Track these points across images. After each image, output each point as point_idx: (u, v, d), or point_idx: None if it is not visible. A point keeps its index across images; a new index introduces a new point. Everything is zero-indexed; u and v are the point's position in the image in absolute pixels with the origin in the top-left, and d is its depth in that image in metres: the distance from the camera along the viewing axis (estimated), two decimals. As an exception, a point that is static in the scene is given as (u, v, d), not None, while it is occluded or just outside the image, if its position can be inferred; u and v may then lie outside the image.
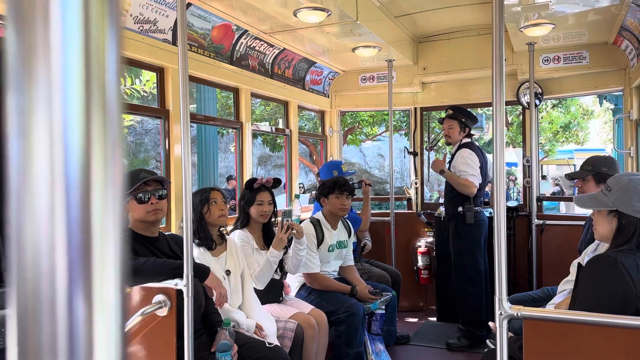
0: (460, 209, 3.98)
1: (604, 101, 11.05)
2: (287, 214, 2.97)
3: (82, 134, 0.25)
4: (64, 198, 0.25)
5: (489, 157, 4.18)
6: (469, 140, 4.10)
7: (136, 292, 2.06)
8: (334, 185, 3.50)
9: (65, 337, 0.25)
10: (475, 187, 3.91)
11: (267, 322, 2.71)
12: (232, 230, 3.11)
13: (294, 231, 2.95)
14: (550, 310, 2.20)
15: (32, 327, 0.25)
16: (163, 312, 2.03)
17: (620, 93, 4.49)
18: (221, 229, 2.86)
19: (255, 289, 2.86)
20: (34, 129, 0.25)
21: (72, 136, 0.25)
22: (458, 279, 4.07)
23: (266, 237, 3.11)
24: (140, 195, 2.21)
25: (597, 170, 2.94)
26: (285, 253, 3.07)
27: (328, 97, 5.36)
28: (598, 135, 18.05)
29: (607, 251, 1.85)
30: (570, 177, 3.23)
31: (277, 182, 3.18)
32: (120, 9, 0.27)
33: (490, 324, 1.99)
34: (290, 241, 3.06)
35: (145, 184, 2.23)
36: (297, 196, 3.86)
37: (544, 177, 12.31)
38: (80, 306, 0.25)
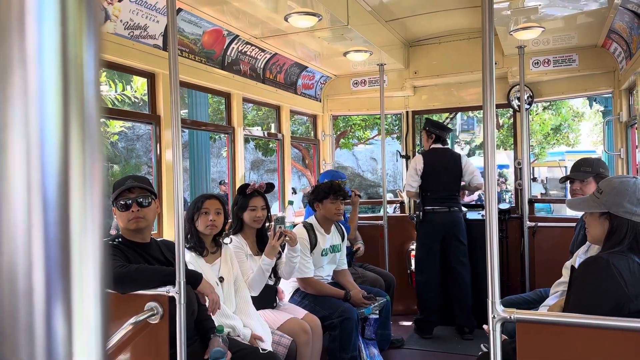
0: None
1: (594, 103, 11.15)
2: (280, 220, 2.93)
3: (60, 150, 0.24)
4: (41, 216, 0.24)
5: (481, 160, 4.22)
6: (435, 146, 4.46)
7: (128, 299, 2.04)
8: (329, 190, 3.48)
9: (44, 359, 0.24)
10: (408, 193, 4.58)
11: (261, 329, 2.69)
12: (225, 237, 3.10)
13: (287, 238, 2.92)
14: (543, 313, 2.20)
15: (9, 349, 0.24)
16: (155, 319, 2.01)
17: (610, 95, 4.52)
18: (224, 235, 2.85)
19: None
20: (10, 144, 0.24)
21: (49, 152, 0.24)
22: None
23: (260, 243, 3.09)
24: (122, 202, 2.18)
25: (596, 171, 2.89)
26: (278, 259, 3.06)
27: (320, 101, 5.36)
28: (589, 137, 18.20)
29: (599, 253, 1.86)
30: (566, 179, 3.09)
31: (270, 186, 3.16)
32: (99, 21, 0.27)
33: (485, 327, 1.99)
34: (283, 248, 3.04)
35: (129, 191, 2.20)
36: (291, 202, 3.83)
37: (534, 179, 12.41)
38: (60, 327, 0.24)
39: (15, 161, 0.24)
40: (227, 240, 2.94)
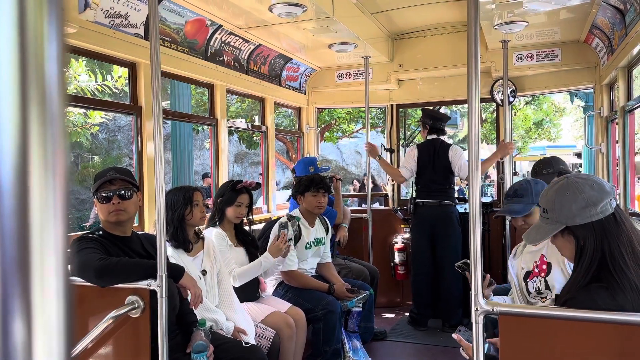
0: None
1: (575, 98, 11.28)
2: (284, 225, 3.19)
3: (17, 130, 0.22)
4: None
5: (465, 153, 4.24)
6: (431, 137, 4.37)
7: (108, 293, 2.00)
8: (310, 183, 3.48)
9: (-1, 364, 0.21)
10: (400, 177, 4.43)
11: (245, 322, 2.68)
12: (206, 228, 3.07)
13: (290, 244, 3.10)
14: (526, 306, 2.22)
15: (-41, 354, 0.21)
16: (136, 313, 1.98)
17: (591, 90, 4.57)
18: (198, 227, 2.82)
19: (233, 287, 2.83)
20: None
21: (4, 132, 0.22)
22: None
23: (239, 234, 3.14)
24: (103, 194, 2.14)
25: (557, 169, 2.86)
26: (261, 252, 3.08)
27: (305, 93, 5.33)
28: (569, 132, 18.46)
29: (575, 292, 1.58)
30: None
31: (257, 186, 3.23)
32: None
33: (454, 335, 2.04)
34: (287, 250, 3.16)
35: (110, 183, 2.16)
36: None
37: (515, 174, 12.56)
38: (18, 329, 0.22)
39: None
40: (207, 231, 2.93)
